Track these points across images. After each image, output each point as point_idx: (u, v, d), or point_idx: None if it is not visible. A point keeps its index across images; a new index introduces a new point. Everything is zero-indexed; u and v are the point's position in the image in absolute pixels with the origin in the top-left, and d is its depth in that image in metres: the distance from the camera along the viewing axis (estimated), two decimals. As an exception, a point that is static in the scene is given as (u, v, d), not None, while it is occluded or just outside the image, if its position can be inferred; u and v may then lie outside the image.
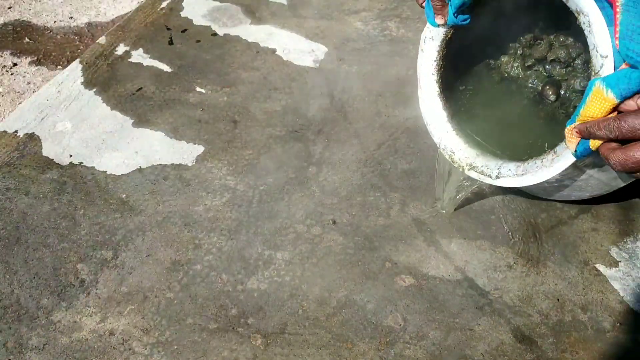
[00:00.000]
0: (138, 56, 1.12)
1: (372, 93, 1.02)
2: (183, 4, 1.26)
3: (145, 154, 0.92)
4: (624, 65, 0.53)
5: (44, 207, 0.85)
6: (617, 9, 0.52)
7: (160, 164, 0.91)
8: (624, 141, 0.52)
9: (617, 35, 0.52)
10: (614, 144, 0.53)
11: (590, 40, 0.56)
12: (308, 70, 1.08)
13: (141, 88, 1.05)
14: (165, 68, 1.10)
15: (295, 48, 1.13)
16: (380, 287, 0.74)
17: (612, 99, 0.51)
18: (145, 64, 1.10)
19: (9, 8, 1.59)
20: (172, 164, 0.91)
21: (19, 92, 1.33)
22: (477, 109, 0.81)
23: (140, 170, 0.90)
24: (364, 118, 0.97)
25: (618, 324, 0.70)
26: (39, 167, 0.90)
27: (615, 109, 0.52)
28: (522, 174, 0.67)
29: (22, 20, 1.55)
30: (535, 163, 0.65)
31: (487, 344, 0.68)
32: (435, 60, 0.76)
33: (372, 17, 1.20)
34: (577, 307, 0.72)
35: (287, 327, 0.70)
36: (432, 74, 0.77)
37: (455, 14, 0.69)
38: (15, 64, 1.40)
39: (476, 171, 0.73)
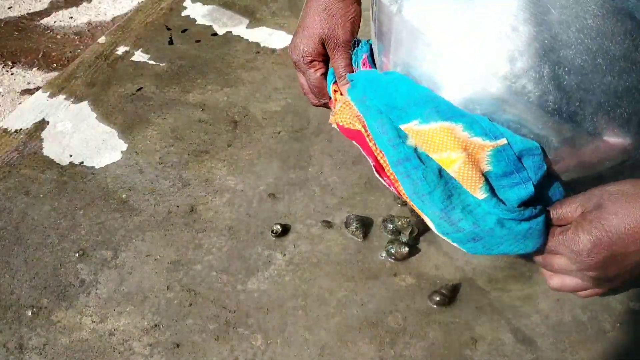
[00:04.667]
0: (138, 56, 1.12)
1: (372, 93, 1.02)
2: (184, 4, 1.26)
3: (145, 154, 0.92)
4: None
5: (44, 207, 0.85)
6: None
7: (160, 164, 0.91)
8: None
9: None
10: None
11: None
12: (308, 70, 1.08)
13: (141, 88, 1.05)
14: (165, 68, 1.10)
15: (295, 48, 1.13)
16: (380, 287, 0.74)
17: None
18: (145, 64, 1.10)
19: (9, 8, 1.59)
20: (172, 164, 0.91)
21: (19, 92, 1.33)
22: None
23: (140, 170, 0.90)
24: (364, 118, 0.97)
25: (618, 324, 0.70)
26: (39, 167, 0.90)
27: None
28: None
29: (22, 20, 1.55)
30: None
31: (487, 344, 0.68)
32: None
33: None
34: (577, 307, 0.72)
35: (287, 327, 0.70)
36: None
37: None
38: (15, 64, 1.40)
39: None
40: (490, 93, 0.47)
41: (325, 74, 0.67)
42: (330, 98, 0.66)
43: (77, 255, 0.78)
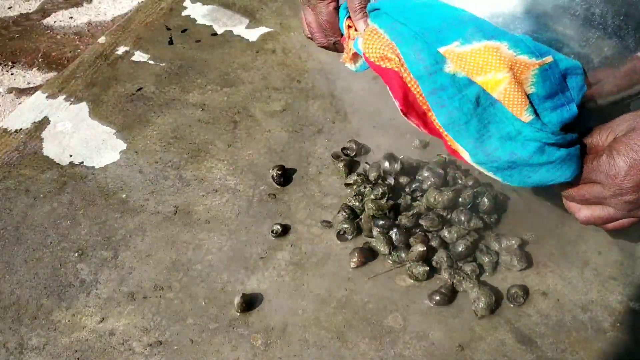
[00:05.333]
0: (138, 56, 1.12)
1: (372, 93, 1.02)
2: (184, 4, 1.26)
3: (145, 154, 0.93)
4: None
5: (44, 207, 0.85)
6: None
7: (161, 164, 0.91)
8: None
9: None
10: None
11: None
12: (308, 70, 1.08)
13: (141, 88, 1.05)
14: (165, 68, 1.10)
15: (295, 48, 1.13)
16: (380, 287, 0.74)
17: None
18: (145, 64, 1.10)
19: (9, 8, 1.59)
20: (172, 164, 0.91)
21: (19, 92, 1.33)
22: None
23: (140, 170, 0.90)
24: (364, 118, 0.97)
25: (618, 324, 0.70)
26: (39, 167, 0.90)
27: None
28: None
29: (22, 20, 1.54)
30: None
31: (487, 344, 0.68)
32: None
33: (372, 17, 1.20)
34: (577, 307, 0.72)
35: (287, 327, 0.70)
36: None
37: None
38: (15, 64, 1.40)
39: None
40: (536, 8, 0.47)
41: (337, 9, 0.63)
42: (342, 35, 0.62)
43: (77, 255, 0.78)
